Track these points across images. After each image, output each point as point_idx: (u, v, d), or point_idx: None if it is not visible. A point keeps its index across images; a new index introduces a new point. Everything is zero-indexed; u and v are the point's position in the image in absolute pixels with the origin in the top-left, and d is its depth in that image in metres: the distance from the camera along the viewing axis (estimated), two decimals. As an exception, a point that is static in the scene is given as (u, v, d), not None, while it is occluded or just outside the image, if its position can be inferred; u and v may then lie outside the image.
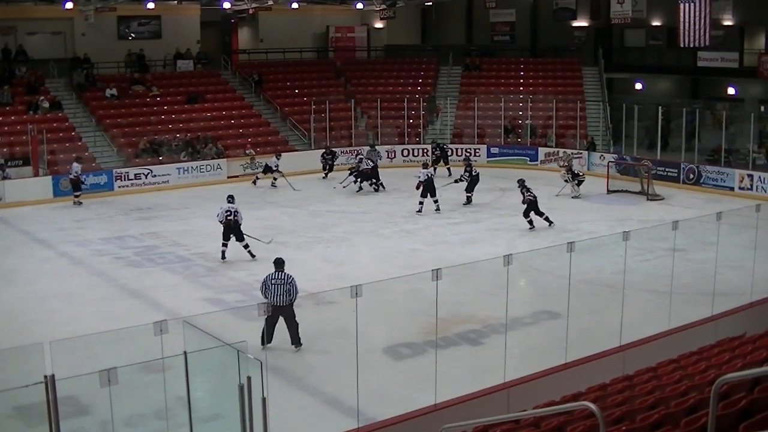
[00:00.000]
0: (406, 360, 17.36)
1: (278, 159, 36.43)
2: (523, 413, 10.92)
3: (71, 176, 33.15)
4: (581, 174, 34.77)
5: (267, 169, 36.42)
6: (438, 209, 31.13)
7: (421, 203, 31.15)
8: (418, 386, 14.27)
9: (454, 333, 18.43)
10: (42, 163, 34.23)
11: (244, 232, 24.87)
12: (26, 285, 22.71)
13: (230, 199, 25.08)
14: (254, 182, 36.77)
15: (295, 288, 17.12)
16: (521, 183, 29.16)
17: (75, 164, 33.21)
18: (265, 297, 16.83)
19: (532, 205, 28.74)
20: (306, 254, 25.61)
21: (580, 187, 33.96)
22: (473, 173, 32.28)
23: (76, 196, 33.13)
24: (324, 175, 38.43)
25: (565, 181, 34.29)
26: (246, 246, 24.61)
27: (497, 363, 14.29)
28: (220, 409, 11.71)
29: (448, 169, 37.87)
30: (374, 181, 35.52)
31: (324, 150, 39.44)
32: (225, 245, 24.69)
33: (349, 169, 36.46)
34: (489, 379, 14.04)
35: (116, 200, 33.98)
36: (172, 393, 11.24)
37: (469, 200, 32.44)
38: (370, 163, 35.79)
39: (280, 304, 16.83)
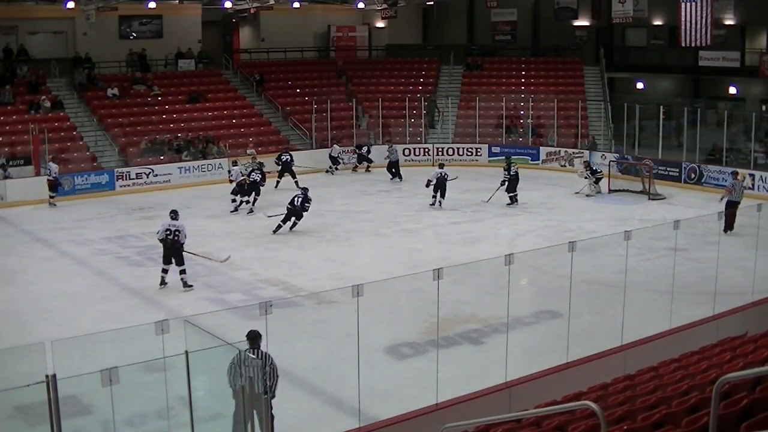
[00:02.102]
0: (408, 360, 17.35)
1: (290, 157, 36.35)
2: (525, 413, 10.92)
3: (48, 177, 32.90)
4: (599, 171, 34.81)
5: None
6: (439, 205, 31.70)
7: (434, 197, 31.90)
8: (420, 386, 14.25)
9: (456, 332, 18.42)
10: (43, 163, 34.15)
11: (193, 252, 22.93)
12: (27, 284, 22.69)
13: (173, 215, 22.37)
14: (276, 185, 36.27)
15: (275, 371, 12.79)
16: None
17: (52, 164, 33.05)
18: (233, 385, 12.07)
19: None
20: (307, 254, 25.63)
21: (599, 184, 34.08)
22: (512, 173, 32.42)
23: (51, 197, 32.83)
24: (353, 168, 40.03)
25: (585, 178, 34.33)
26: (183, 272, 21.81)
27: (498, 362, 14.28)
28: (222, 409, 11.71)
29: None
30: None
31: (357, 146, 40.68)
32: (165, 271, 21.99)
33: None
34: (490, 379, 14.03)
35: (117, 199, 33.98)
36: (174, 392, 11.23)
37: (512, 200, 32.49)
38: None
39: (256, 392, 12.72)
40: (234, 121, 42.67)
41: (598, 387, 12.23)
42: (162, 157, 38.04)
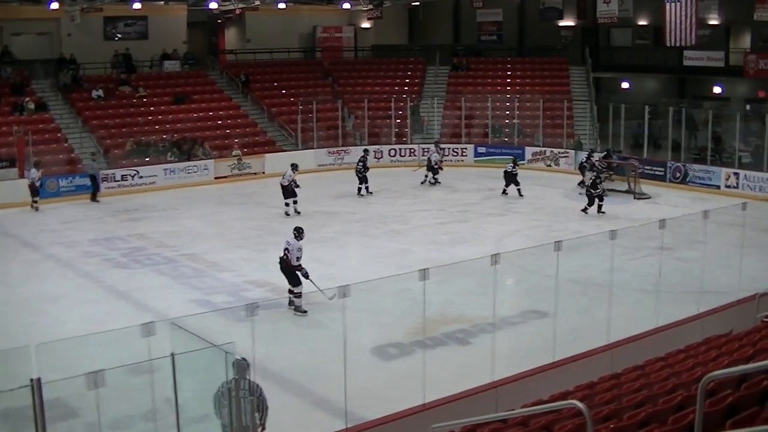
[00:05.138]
0: (395, 360, 17.34)
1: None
2: (511, 412, 10.93)
3: (29, 182, 32.67)
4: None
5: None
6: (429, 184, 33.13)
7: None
8: (407, 386, 14.22)
9: (443, 333, 18.43)
10: (28, 165, 34.02)
11: (312, 280, 19.78)
12: (13, 287, 22.60)
13: (296, 232, 20.46)
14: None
15: (265, 403, 11.80)
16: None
17: (33, 170, 32.71)
18: (220, 417, 11.47)
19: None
20: (294, 255, 25.60)
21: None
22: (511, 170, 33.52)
23: (34, 202, 32.56)
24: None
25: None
26: (291, 292, 20.02)
27: (485, 362, 14.28)
28: (208, 411, 11.67)
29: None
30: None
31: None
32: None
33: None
34: (477, 379, 14.01)
35: (103, 201, 33.88)
36: (160, 395, 11.18)
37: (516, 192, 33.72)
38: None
39: (244, 424, 11.40)
40: (220, 122, 42.62)
41: (585, 386, 12.25)
42: (147, 159, 37.94)
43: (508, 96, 45.13)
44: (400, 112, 44.20)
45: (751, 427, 7.04)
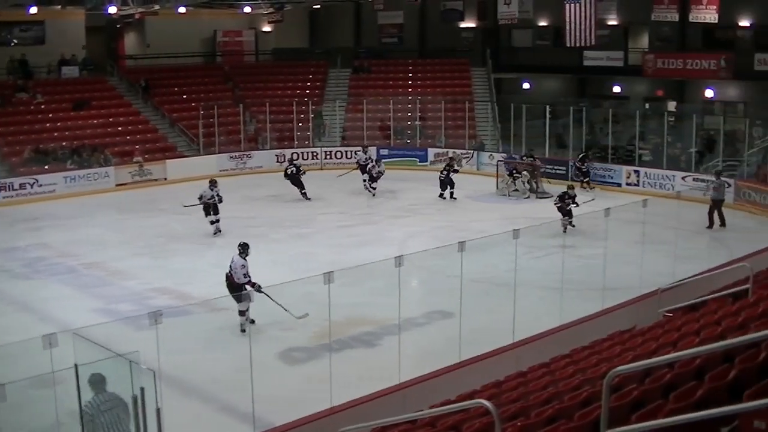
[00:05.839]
0: (301, 364, 17.29)
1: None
2: (420, 413, 10.91)
3: None
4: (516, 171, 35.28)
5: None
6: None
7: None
8: (314, 390, 14.15)
9: (349, 336, 18.42)
10: None
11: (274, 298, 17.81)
12: None
13: (240, 248, 19.75)
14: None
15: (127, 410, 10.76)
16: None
17: None
18: None
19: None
20: (197, 261, 25.35)
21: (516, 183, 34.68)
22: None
23: None
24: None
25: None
26: (241, 314, 18.65)
27: (392, 364, 14.27)
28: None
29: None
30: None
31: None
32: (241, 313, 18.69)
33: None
34: (384, 381, 13.99)
35: (1, 211, 33.07)
36: (64, 407, 10.97)
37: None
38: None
39: None
40: (120, 128, 41.85)
41: (492, 385, 12.29)
42: (47, 167, 37.16)
43: (410, 98, 45.30)
44: (302, 116, 44.03)
45: (656, 420, 7.08)
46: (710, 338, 10.49)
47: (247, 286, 18.88)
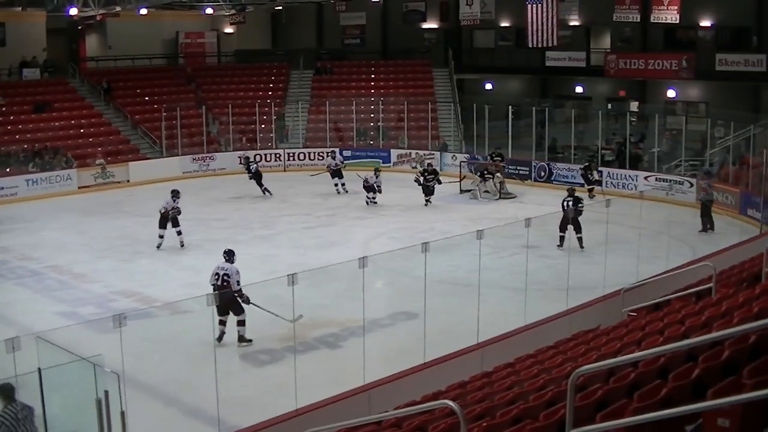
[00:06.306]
0: (266, 366, 17.21)
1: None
2: (385, 414, 10.88)
3: None
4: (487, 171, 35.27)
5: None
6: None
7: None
8: (279, 392, 14.13)
9: (313, 337, 18.38)
10: None
11: (261, 305, 17.85)
12: None
13: (226, 255, 19.13)
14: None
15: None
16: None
17: None
18: None
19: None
20: (161, 263, 25.21)
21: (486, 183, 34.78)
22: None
23: None
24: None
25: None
26: (240, 324, 18.11)
27: (357, 366, 14.23)
28: (78, 426, 11.38)
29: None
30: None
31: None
32: (222, 323, 17.97)
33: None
34: (349, 382, 13.95)
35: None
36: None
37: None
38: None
39: None
40: (82, 130, 41.64)
41: (457, 385, 12.28)
42: (8, 170, 36.82)
43: (372, 99, 45.30)
44: (265, 117, 43.93)
45: (621, 419, 7.10)
46: (674, 337, 10.54)
47: (238, 298, 18.02)
